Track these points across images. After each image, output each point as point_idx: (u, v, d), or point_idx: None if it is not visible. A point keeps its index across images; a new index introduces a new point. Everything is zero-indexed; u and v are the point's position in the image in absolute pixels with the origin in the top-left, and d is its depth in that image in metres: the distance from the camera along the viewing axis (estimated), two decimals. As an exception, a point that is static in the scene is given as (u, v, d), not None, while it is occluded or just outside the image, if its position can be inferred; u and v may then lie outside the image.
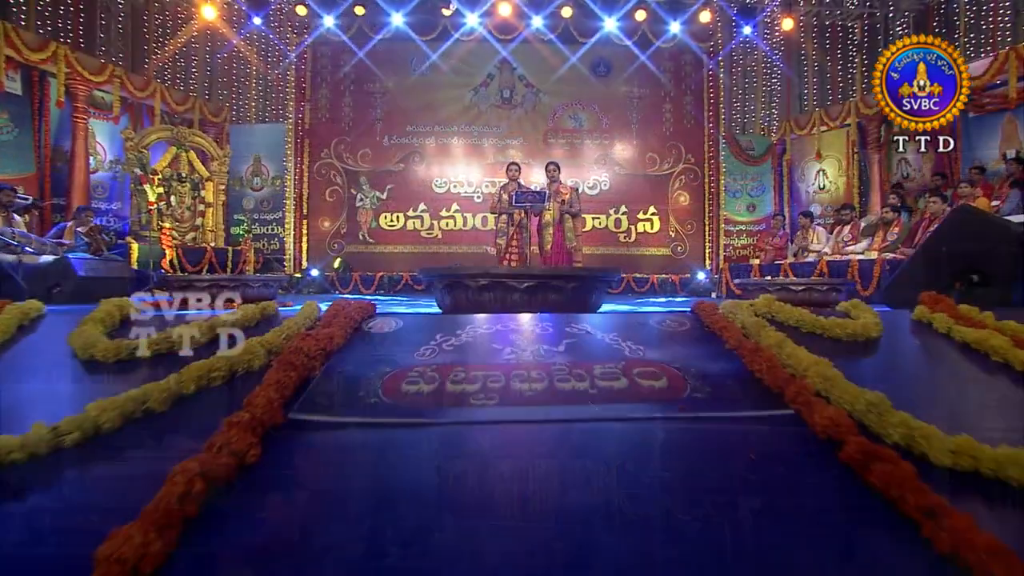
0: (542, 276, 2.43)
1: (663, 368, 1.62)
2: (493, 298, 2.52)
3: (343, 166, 11.32)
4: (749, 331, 1.87)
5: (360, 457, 1.31)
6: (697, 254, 11.34)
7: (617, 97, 11.42)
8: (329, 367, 1.64)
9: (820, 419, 1.31)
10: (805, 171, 11.27)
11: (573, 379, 1.54)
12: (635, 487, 1.16)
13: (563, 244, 7.05)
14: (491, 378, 1.55)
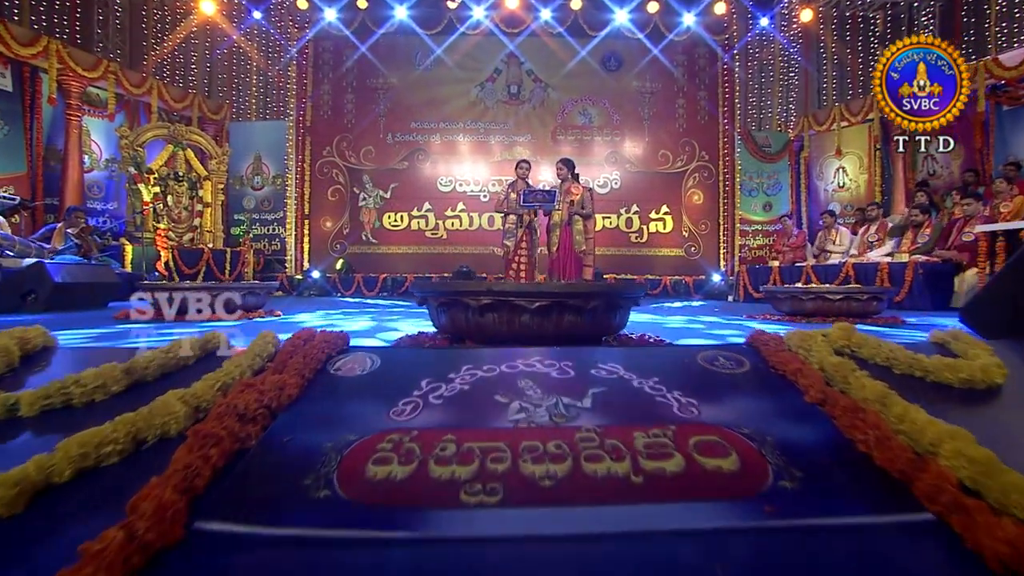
0: (556, 295, 1.95)
1: (730, 437, 1.16)
2: (497, 320, 2.05)
3: (346, 164, 10.88)
4: (832, 377, 1.40)
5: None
6: (711, 255, 10.83)
7: (628, 92, 10.92)
8: (272, 434, 1.19)
9: (992, 542, 0.85)
10: (824, 169, 10.73)
11: (607, 456, 1.09)
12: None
13: (571, 247, 6.57)
14: (492, 454, 1.09)
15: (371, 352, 1.57)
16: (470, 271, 9.87)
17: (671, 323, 4.57)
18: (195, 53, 11.15)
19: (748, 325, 4.14)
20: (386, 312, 5.67)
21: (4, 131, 8.30)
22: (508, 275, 6.54)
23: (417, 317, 4.74)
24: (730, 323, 4.47)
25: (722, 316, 5.47)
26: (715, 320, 4.82)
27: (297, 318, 4.53)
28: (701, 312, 6.26)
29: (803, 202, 11.06)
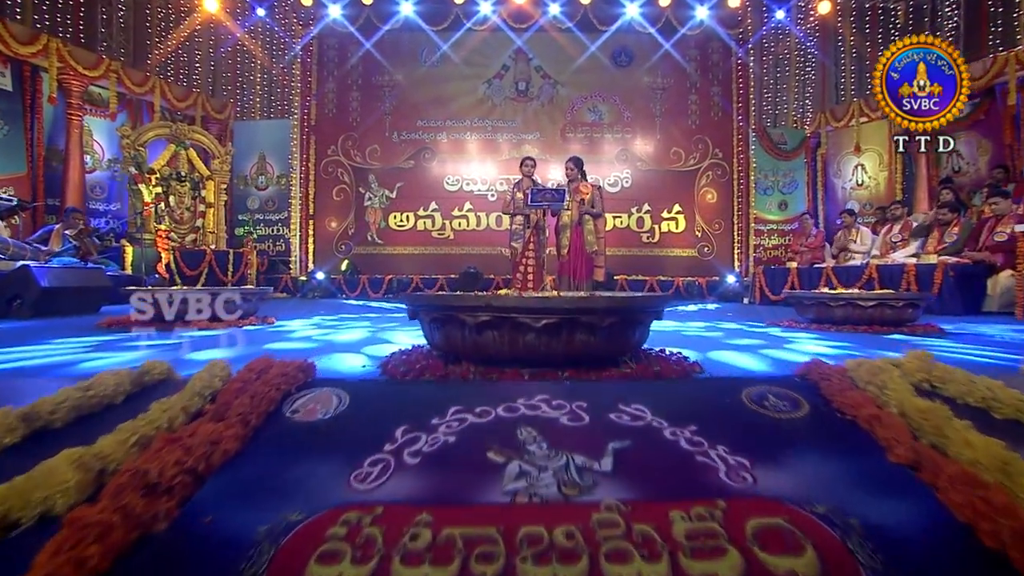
0: (566, 311, 1.64)
1: (800, 520, 0.85)
2: (498, 339, 1.75)
3: (351, 163, 10.62)
4: (920, 427, 1.09)
5: None
6: (725, 255, 10.46)
7: (639, 88, 10.56)
8: (192, 511, 0.90)
9: None
10: (841, 166, 10.32)
11: (636, 552, 0.78)
12: None
13: (582, 248, 6.25)
14: (480, 547, 0.80)
15: (340, 386, 1.27)
16: (477, 272, 9.58)
17: (688, 330, 4.24)
18: (199, 52, 10.93)
19: (772, 334, 3.81)
20: (386, 318, 5.38)
21: (4, 131, 8.11)
22: (515, 278, 6.24)
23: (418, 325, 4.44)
24: (751, 331, 4.14)
25: (741, 321, 5.13)
26: (734, 327, 4.49)
27: (291, 325, 4.25)
28: (717, 317, 5.92)
29: (820, 201, 10.65)
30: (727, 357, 2.61)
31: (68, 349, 2.72)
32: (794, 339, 3.42)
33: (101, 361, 2.39)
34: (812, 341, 3.30)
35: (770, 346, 3.04)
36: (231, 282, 9.01)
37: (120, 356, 2.51)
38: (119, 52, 10.26)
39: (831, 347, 3.01)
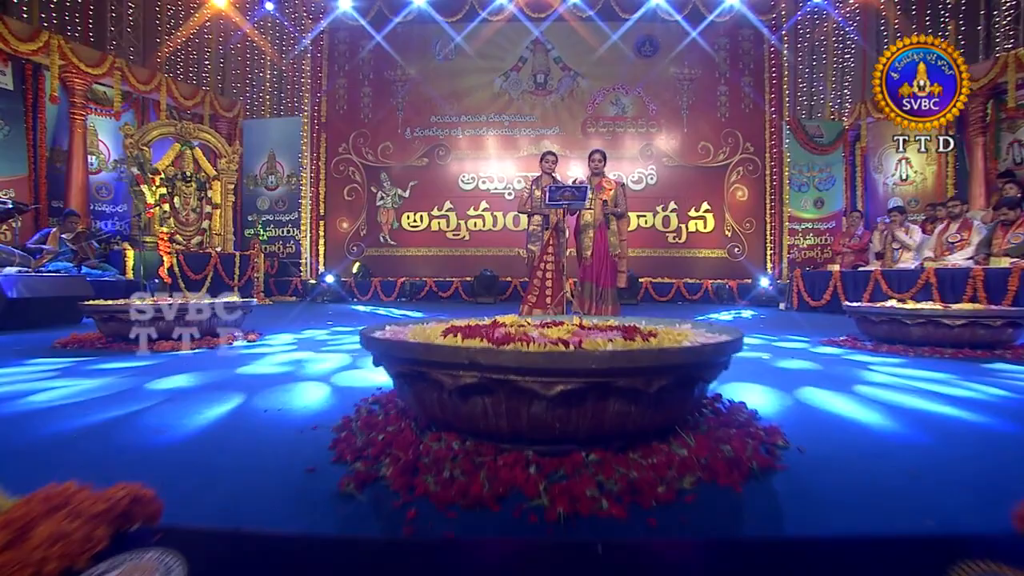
0: (593, 372, 1.03)
1: None
2: (491, 409, 1.16)
3: (362, 162, 10.11)
4: None
5: None
6: (757, 256, 9.71)
7: (665, 80, 9.86)
8: None
9: None
10: (883, 160, 9.48)
11: None
12: None
13: (606, 251, 5.62)
14: None
15: (171, 557, 0.68)
16: (493, 276, 9.00)
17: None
18: (208, 49, 10.51)
19: (837, 356, 3.15)
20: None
21: (4, 131, 7.75)
22: (532, 284, 5.64)
23: None
24: (803, 349, 3.48)
25: (784, 336, 4.45)
26: (782, 345, 3.83)
27: (275, 341, 3.71)
28: (756, 328, 5.24)
29: (859, 197, 9.83)
30: (812, 399, 1.98)
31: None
32: (870, 365, 2.76)
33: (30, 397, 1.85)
34: (894, 369, 2.64)
35: (848, 380, 2.39)
36: (238, 286, 8.58)
37: (48, 389, 1.97)
38: (128, 51, 9.89)
39: (922, 379, 2.36)
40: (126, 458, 1.38)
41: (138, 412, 1.79)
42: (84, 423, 1.66)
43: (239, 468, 1.30)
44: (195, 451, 1.44)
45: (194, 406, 1.87)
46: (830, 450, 1.41)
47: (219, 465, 1.32)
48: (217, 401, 1.96)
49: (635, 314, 6.93)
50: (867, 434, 1.57)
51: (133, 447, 1.46)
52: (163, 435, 1.55)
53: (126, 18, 10.03)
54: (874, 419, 1.73)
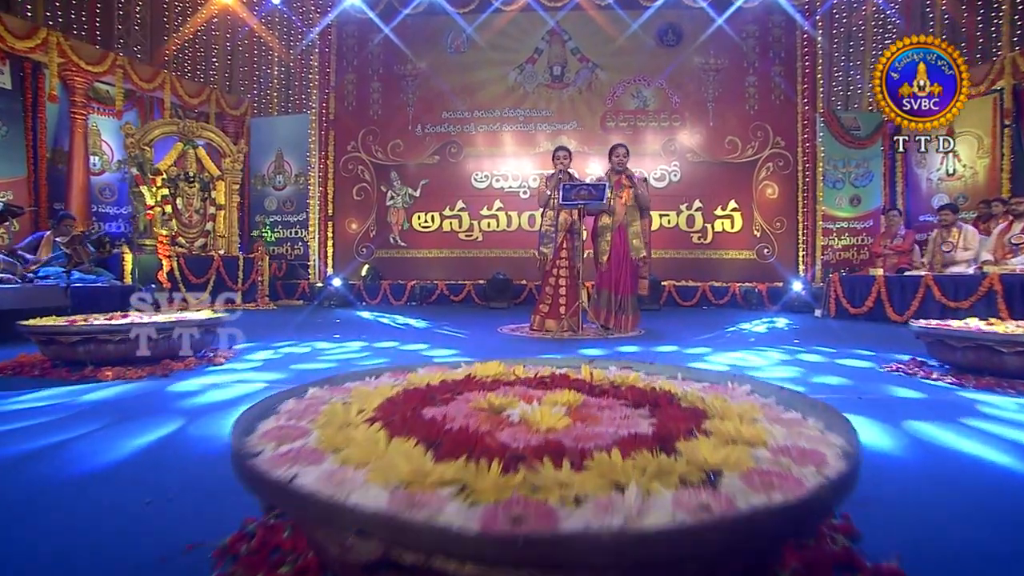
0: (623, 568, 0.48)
1: None
2: None
3: (372, 160, 9.67)
4: None
5: None
6: (788, 258, 9.02)
7: (689, 70, 9.21)
8: None
9: None
10: (927, 153, 8.71)
11: None
12: None
13: (626, 254, 5.06)
14: None
15: None
16: (506, 279, 8.48)
17: (766, 368, 3.05)
18: (216, 46, 10.17)
19: (901, 396, 2.56)
20: (378, 351, 4.36)
21: (3, 132, 7.46)
22: (544, 292, 5.10)
23: (418, 358, 3.39)
24: (867, 383, 2.90)
25: (833, 352, 3.85)
26: (846, 363, 3.25)
27: (250, 359, 3.25)
28: (795, 341, 4.62)
29: (899, 194, 9.07)
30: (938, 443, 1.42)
31: None
32: (964, 404, 2.17)
33: None
34: (1001, 415, 2.05)
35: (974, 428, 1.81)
36: (241, 290, 8.20)
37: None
38: (135, 49, 9.57)
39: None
40: None
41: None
42: None
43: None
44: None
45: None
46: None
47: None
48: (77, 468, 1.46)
49: (657, 322, 6.36)
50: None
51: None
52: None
53: (133, 16, 9.72)
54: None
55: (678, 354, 3.71)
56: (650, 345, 4.16)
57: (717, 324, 6.18)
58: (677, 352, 3.79)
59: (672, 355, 3.68)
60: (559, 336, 4.71)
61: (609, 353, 3.71)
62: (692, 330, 5.41)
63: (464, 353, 3.49)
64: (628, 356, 3.59)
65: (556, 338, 4.64)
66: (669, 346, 4.15)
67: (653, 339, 4.64)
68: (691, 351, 3.80)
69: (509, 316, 7.12)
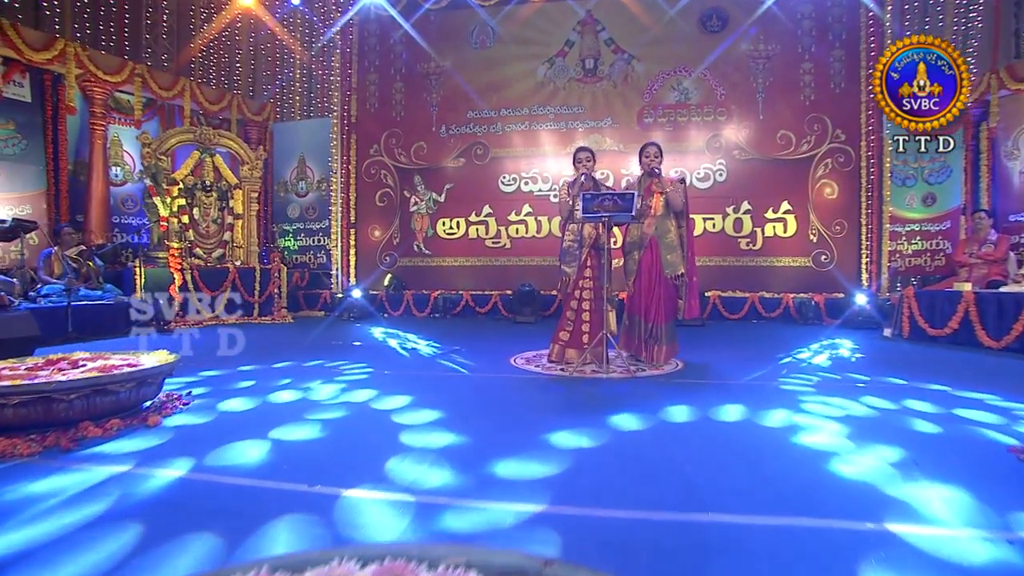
0: None
1: None
2: None
3: (394, 164, 9.15)
4: None
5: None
6: (850, 266, 7.97)
7: (736, 59, 8.26)
8: None
9: None
10: (1020, 143, 7.49)
11: None
12: None
13: (659, 275, 4.28)
14: None
15: None
16: (533, 291, 7.80)
17: (835, 452, 2.28)
18: (239, 51, 9.87)
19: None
20: (395, 378, 3.76)
21: (22, 146, 7.29)
22: (565, 317, 4.39)
23: (378, 432, 2.79)
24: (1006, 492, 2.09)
25: (912, 392, 2.99)
26: (974, 417, 2.44)
27: (172, 440, 2.70)
28: (870, 383, 3.76)
29: (983, 191, 7.86)
30: None
31: None
32: None
33: None
34: None
35: None
36: (258, 302, 7.83)
37: None
38: (161, 58, 9.36)
39: None
40: None
41: None
42: None
43: None
44: None
45: None
46: None
47: None
48: None
49: (699, 345, 5.52)
50: None
51: None
52: None
53: (160, 24, 9.50)
54: None
55: (714, 412, 2.95)
56: (681, 395, 3.41)
57: (769, 348, 5.32)
58: (714, 398, 3.03)
59: (706, 412, 2.92)
60: (579, 370, 4.00)
61: (634, 407, 2.98)
62: (739, 360, 4.60)
63: (451, 416, 2.83)
64: (643, 411, 2.86)
65: (575, 373, 3.94)
66: (707, 387, 3.39)
67: (690, 376, 3.87)
68: (731, 410, 3.02)
69: (534, 333, 6.45)
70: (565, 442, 2.36)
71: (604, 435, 2.46)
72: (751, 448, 2.31)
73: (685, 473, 2.01)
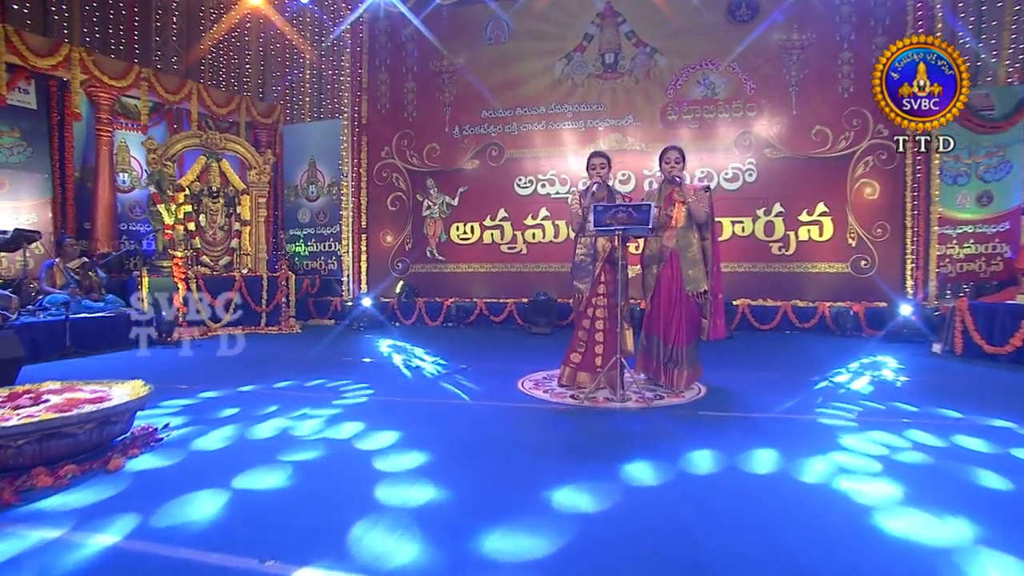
0: None
1: None
2: None
3: (406, 166, 8.95)
4: None
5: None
6: (893, 272, 7.49)
7: (767, 50, 7.83)
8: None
9: None
10: (1086, 137, 6.92)
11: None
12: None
13: (679, 292, 3.95)
14: None
15: None
16: (549, 300, 7.52)
17: (874, 508, 1.96)
18: (248, 51, 9.79)
19: None
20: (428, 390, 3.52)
21: (27, 154, 7.30)
22: (577, 338, 4.09)
23: (352, 483, 2.55)
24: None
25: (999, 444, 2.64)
26: None
27: (123, 497, 2.50)
28: (932, 419, 3.40)
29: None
30: None
31: None
32: None
33: None
34: None
35: None
36: (266, 311, 7.71)
37: None
38: (171, 61, 9.34)
39: None
40: None
41: None
42: None
43: None
44: None
45: None
46: None
47: None
48: None
49: (725, 364, 5.14)
50: None
51: None
52: None
53: (170, 27, 9.48)
54: None
55: (742, 460, 2.64)
56: (703, 434, 3.10)
57: (802, 367, 4.94)
58: (741, 439, 2.71)
59: (733, 459, 2.61)
60: (591, 397, 3.72)
61: (649, 452, 2.69)
62: (769, 383, 4.24)
63: (439, 461, 2.57)
64: (660, 457, 2.56)
65: (586, 401, 3.65)
66: (732, 423, 3.07)
67: (714, 406, 3.55)
68: (762, 458, 2.69)
69: (549, 346, 6.18)
70: (566, 502, 2.08)
71: (612, 493, 2.17)
72: (786, 519, 1.99)
73: (703, 559, 1.71)
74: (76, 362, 5.32)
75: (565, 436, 3.02)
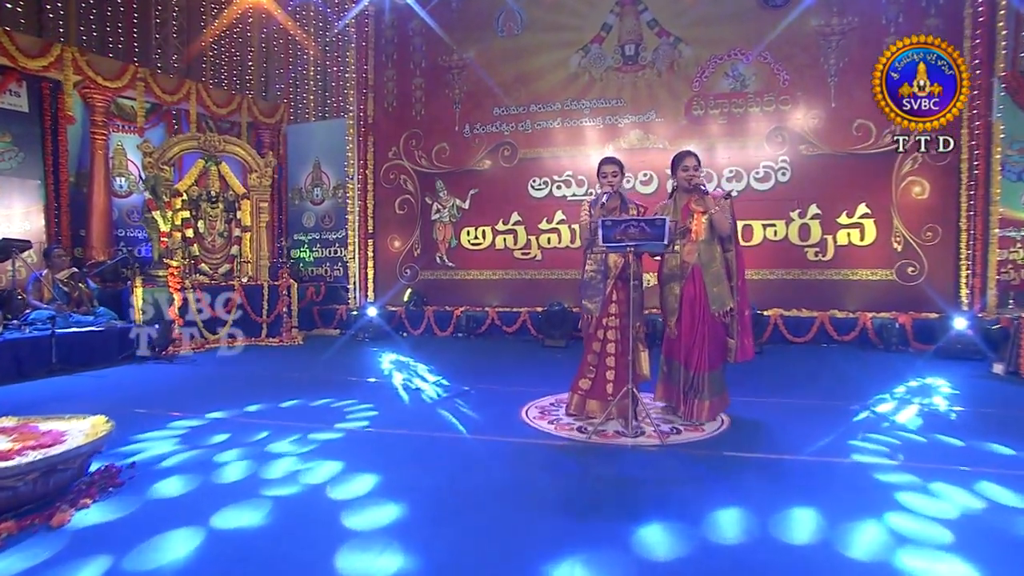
0: None
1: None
2: None
3: (415, 168, 8.74)
4: None
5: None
6: (944, 280, 7.01)
7: (802, 37, 7.41)
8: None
9: None
10: None
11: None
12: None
13: (703, 312, 3.63)
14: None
15: None
16: (564, 310, 7.24)
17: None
18: (251, 48, 9.70)
19: None
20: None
21: (19, 159, 7.28)
22: (586, 362, 3.80)
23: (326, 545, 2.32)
24: None
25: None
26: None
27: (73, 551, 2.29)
28: (1001, 465, 3.04)
29: (1118, 187, 6.77)
30: None
31: None
32: None
33: None
34: None
35: None
36: (267, 322, 7.59)
37: None
38: (171, 59, 9.31)
39: None
40: None
41: None
42: None
43: None
44: None
45: None
46: None
47: None
48: None
49: (752, 388, 4.75)
50: None
51: None
52: None
53: (170, 25, 9.45)
54: None
55: (775, 524, 2.33)
56: (726, 484, 2.79)
57: (841, 390, 4.57)
58: (773, 493, 2.40)
59: (765, 523, 2.30)
60: (600, 431, 3.43)
61: (665, 510, 2.40)
62: (802, 412, 3.90)
63: (417, 517, 2.32)
64: (677, 518, 2.26)
65: (595, 436, 3.36)
66: (760, 467, 2.75)
67: (737, 444, 3.22)
68: (799, 521, 2.37)
69: (562, 362, 5.92)
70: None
71: (619, 569, 1.89)
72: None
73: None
74: (62, 380, 5.22)
75: (567, 482, 2.73)
